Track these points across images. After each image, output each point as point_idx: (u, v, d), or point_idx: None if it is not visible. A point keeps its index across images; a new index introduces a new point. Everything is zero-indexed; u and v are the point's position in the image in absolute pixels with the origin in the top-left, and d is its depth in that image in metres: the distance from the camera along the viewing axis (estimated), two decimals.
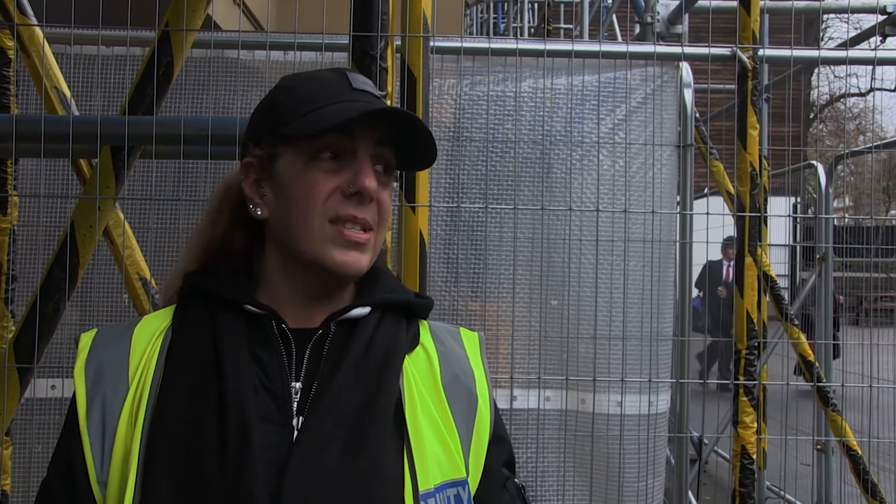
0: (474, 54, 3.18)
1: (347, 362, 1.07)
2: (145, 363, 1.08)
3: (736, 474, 3.19)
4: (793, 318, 4.27)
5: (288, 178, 1.09)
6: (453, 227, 3.24)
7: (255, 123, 1.16)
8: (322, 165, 1.08)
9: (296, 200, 1.08)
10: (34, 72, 2.31)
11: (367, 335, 1.10)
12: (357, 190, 1.08)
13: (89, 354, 1.10)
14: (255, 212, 1.13)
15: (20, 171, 2.67)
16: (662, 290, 3.24)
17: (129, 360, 1.09)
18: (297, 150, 1.09)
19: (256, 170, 1.13)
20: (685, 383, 3.18)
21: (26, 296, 2.75)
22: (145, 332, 1.12)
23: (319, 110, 1.08)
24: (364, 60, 2.07)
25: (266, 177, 1.12)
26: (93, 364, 1.09)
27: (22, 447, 2.86)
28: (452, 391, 1.15)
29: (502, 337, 3.19)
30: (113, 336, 1.13)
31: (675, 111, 3.30)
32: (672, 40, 4.83)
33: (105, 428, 1.05)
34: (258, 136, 1.14)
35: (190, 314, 1.11)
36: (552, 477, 3.19)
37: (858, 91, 21.27)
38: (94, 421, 1.05)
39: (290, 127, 1.09)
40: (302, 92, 1.12)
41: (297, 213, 1.08)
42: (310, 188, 1.08)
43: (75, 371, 1.09)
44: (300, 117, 1.09)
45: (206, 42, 2.70)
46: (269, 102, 1.15)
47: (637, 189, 3.23)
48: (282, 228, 1.11)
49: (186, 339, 1.09)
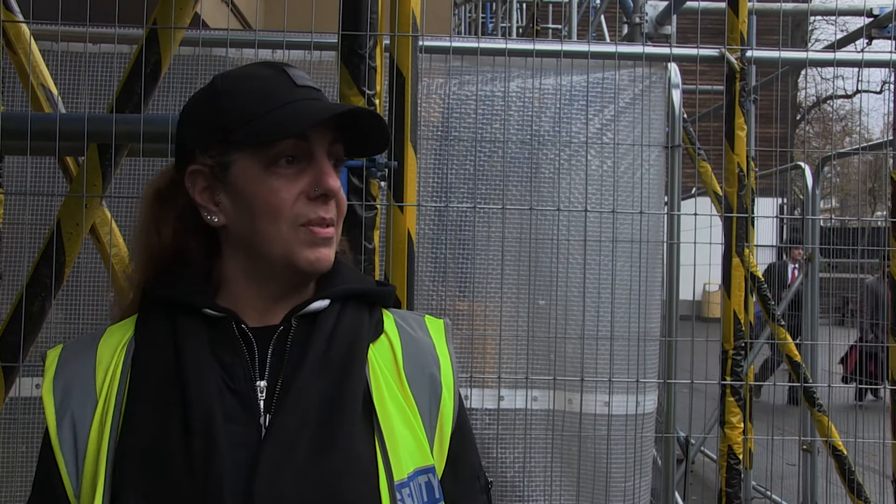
0: (463, 54, 3.18)
1: (311, 356, 1.07)
2: (110, 376, 1.08)
3: (722, 474, 3.20)
4: (779, 318, 4.30)
5: (247, 187, 1.08)
6: (441, 227, 3.24)
7: (198, 129, 1.12)
8: (281, 171, 1.07)
9: (260, 208, 1.07)
10: (20, 69, 2.29)
11: (328, 328, 1.10)
12: (323, 192, 1.09)
13: (56, 372, 1.10)
14: (212, 220, 1.11)
15: (5, 169, 2.65)
16: (650, 290, 3.24)
17: (96, 375, 1.08)
18: (251, 157, 1.07)
19: (206, 177, 1.11)
20: (672, 384, 3.19)
21: (11, 294, 2.74)
22: (109, 345, 1.11)
23: (271, 114, 1.06)
24: (353, 59, 2.07)
25: (219, 184, 1.10)
26: (60, 382, 1.09)
27: (6, 446, 2.85)
28: (415, 378, 1.14)
29: (490, 336, 3.19)
30: (77, 351, 1.12)
31: (663, 112, 3.31)
32: (660, 41, 4.84)
33: (77, 444, 1.05)
34: (204, 142, 1.10)
35: (151, 323, 1.10)
36: (539, 477, 3.19)
37: (845, 93, 21.39)
38: (65, 438, 1.05)
39: (243, 134, 1.07)
40: (247, 95, 1.09)
41: (263, 220, 1.07)
42: (273, 195, 1.07)
43: (43, 390, 1.09)
44: (251, 122, 1.07)
45: (194, 40, 2.69)
46: (210, 107, 1.11)
47: (625, 189, 3.24)
48: (244, 235, 1.10)
49: (148, 348, 1.08)
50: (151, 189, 1.18)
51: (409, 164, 2.22)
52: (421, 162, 2.91)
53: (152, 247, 1.15)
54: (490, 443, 3.17)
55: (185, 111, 1.16)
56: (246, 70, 1.15)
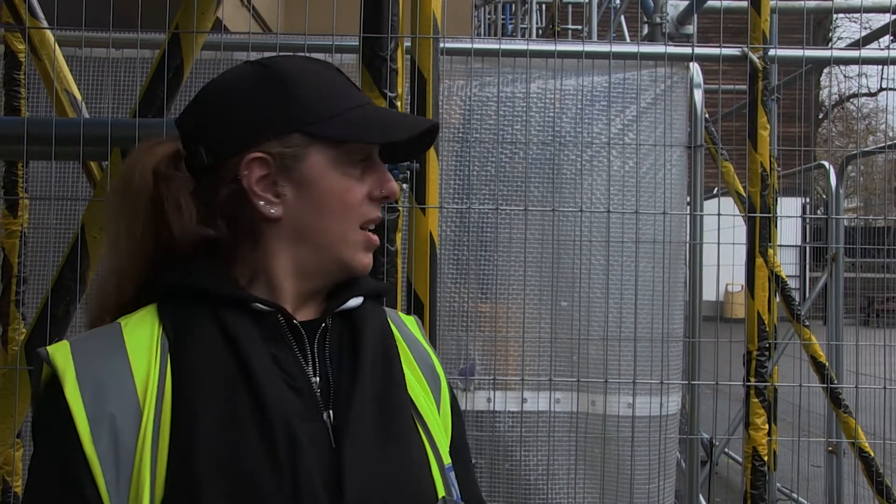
0: (484, 55, 3.18)
1: (365, 353, 1.07)
2: (153, 376, 0.98)
3: (747, 476, 3.17)
4: (803, 319, 4.25)
5: (319, 182, 1.06)
6: (463, 228, 3.24)
7: (266, 115, 1.06)
8: (351, 171, 1.08)
9: (330, 206, 1.06)
10: (45, 75, 2.31)
11: (370, 325, 1.11)
12: (386, 195, 1.11)
13: (78, 372, 0.97)
14: (269, 211, 1.05)
15: (30, 174, 2.68)
16: (673, 291, 3.23)
17: (133, 375, 0.98)
18: (327, 152, 1.06)
19: (270, 166, 1.05)
20: (696, 385, 3.17)
21: (36, 298, 2.76)
22: (140, 341, 1.01)
23: (352, 113, 1.07)
24: (374, 62, 2.07)
25: (285, 175, 1.05)
26: (88, 383, 0.96)
27: (32, 449, 2.86)
28: (424, 369, 1.18)
29: (512, 338, 3.19)
30: (99, 348, 1.01)
31: (685, 112, 3.29)
32: (681, 41, 4.81)
33: (118, 453, 0.94)
34: (275, 130, 1.05)
35: (186, 316, 1.02)
36: (563, 479, 3.18)
37: (868, 91, 21.20)
38: (103, 446, 0.94)
39: (327, 128, 1.05)
40: (323, 89, 1.08)
41: (331, 217, 1.07)
42: (347, 193, 1.07)
43: (67, 392, 0.95)
44: (334, 118, 1.06)
45: (216, 44, 2.70)
46: (282, 94, 1.06)
47: (647, 190, 3.22)
48: (303, 230, 1.07)
49: (194, 345, 1.00)
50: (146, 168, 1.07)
51: (430, 167, 2.22)
52: (442, 164, 2.91)
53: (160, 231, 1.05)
54: (514, 445, 3.16)
55: (234, 92, 1.08)
56: (303, 63, 1.12)
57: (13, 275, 2.60)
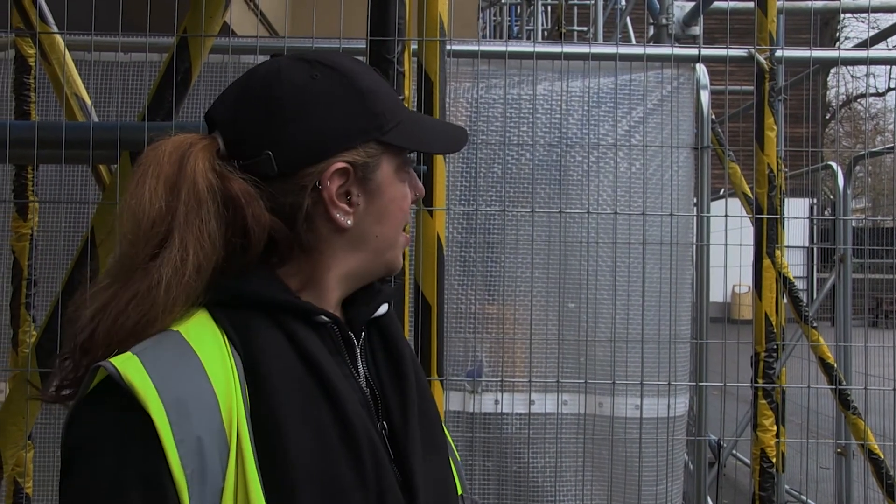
0: (491, 57, 3.18)
1: (405, 362, 1.10)
2: (234, 395, 0.93)
3: (756, 478, 3.16)
4: (811, 320, 4.24)
5: (387, 190, 1.07)
6: (469, 230, 3.24)
7: (348, 123, 1.03)
8: (406, 178, 1.10)
9: (392, 213, 1.08)
10: (55, 79, 2.32)
11: (397, 331, 1.13)
12: (419, 197, 1.15)
13: (158, 386, 0.89)
14: (345, 221, 1.03)
15: (39, 178, 2.69)
16: (679, 292, 3.22)
17: (216, 394, 0.92)
18: (392, 159, 1.07)
19: (350, 176, 1.03)
20: (703, 386, 3.16)
21: (46, 301, 2.77)
22: (212, 356, 0.94)
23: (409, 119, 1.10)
24: (381, 64, 2.08)
25: (359, 184, 1.04)
26: (170, 398, 0.89)
27: (43, 451, 2.88)
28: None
29: (519, 340, 3.19)
30: (174, 363, 0.93)
31: (692, 113, 3.29)
32: (687, 42, 4.81)
33: (206, 478, 0.89)
34: (356, 138, 1.03)
35: (247, 325, 0.97)
36: (570, 481, 3.18)
37: (876, 91, 21.14)
38: (191, 471, 0.88)
39: (397, 136, 1.05)
40: (387, 95, 1.08)
41: (390, 223, 1.08)
42: (404, 200, 1.10)
43: (153, 411, 0.87)
44: (399, 126, 1.06)
45: (223, 48, 2.71)
46: (360, 101, 1.03)
47: (653, 191, 3.22)
48: (365, 237, 1.06)
49: (267, 358, 0.96)
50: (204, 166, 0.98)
51: (438, 169, 2.23)
52: (448, 166, 2.91)
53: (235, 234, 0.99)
54: (521, 447, 3.16)
55: (310, 99, 1.02)
56: (362, 66, 1.10)
57: (23, 277, 2.62)
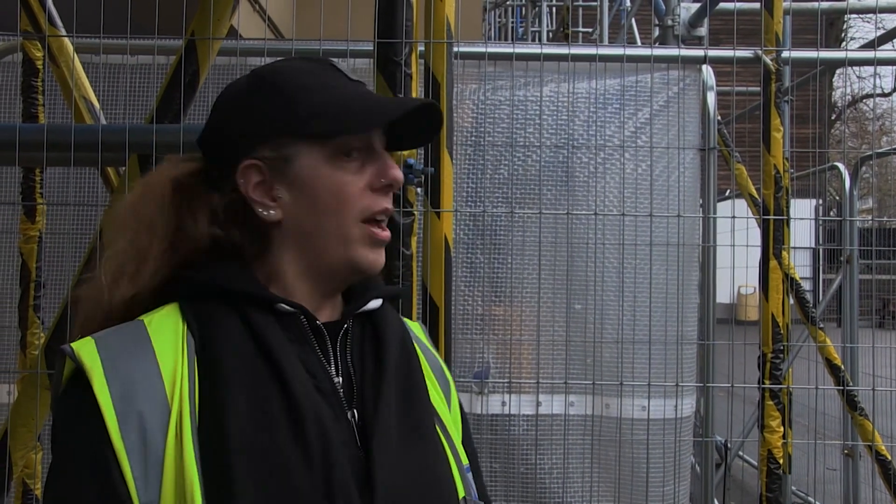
0: (498, 59, 3.18)
1: (388, 354, 1.08)
2: (180, 375, 0.99)
3: (762, 479, 3.16)
4: (818, 321, 4.24)
5: (312, 180, 1.07)
6: (476, 232, 3.24)
7: (255, 122, 1.08)
8: (346, 164, 1.07)
9: (326, 203, 1.07)
10: (63, 81, 2.33)
11: (388, 325, 1.12)
12: (389, 182, 1.09)
13: (106, 366, 0.97)
14: (268, 215, 1.07)
15: (46, 180, 2.70)
16: (686, 293, 3.22)
17: (162, 374, 0.98)
18: (316, 150, 1.07)
19: (263, 171, 1.07)
20: (710, 387, 3.16)
21: (52, 302, 2.78)
22: (166, 339, 1.01)
23: (339, 107, 1.07)
24: (388, 66, 2.08)
25: (278, 178, 1.07)
26: (115, 381, 0.96)
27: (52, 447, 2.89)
28: (436, 373, 1.20)
29: (526, 342, 3.19)
30: (125, 345, 1.01)
31: (698, 114, 3.29)
32: (693, 43, 4.81)
33: (147, 452, 0.94)
34: (263, 136, 1.08)
35: (211, 315, 1.03)
36: (577, 482, 3.18)
37: (882, 91, 21.08)
38: (132, 444, 0.94)
39: (313, 126, 1.06)
40: (308, 88, 1.08)
41: (328, 216, 1.07)
42: (341, 189, 1.07)
43: (96, 388, 0.95)
44: (320, 115, 1.06)
45: (231, 50, 2.72)
46: (268, 99, 1.08)
47: (660, 193, 3.22)
48: (304, 231, 1.08)
49: (221, 343, 1.01)
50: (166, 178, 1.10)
51: (445, 171, 2.23)
52: (455, 168, 2.91)
53: (179, 238, 1.08)
54: (528, 449, 3.16)
55: (229, 104, 1.12)
56: (293, 64, 1.13)
57: (31, 279, 2.63)
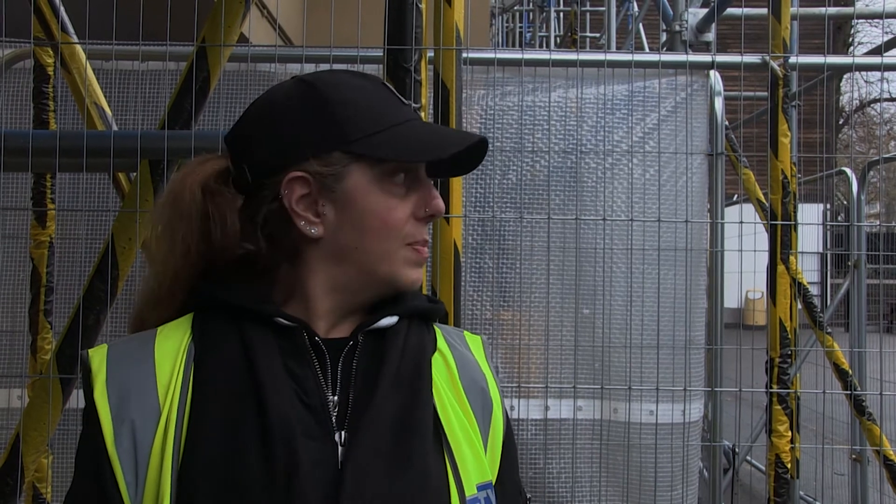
0: (506, 65, 3.20)
1: (384, 374, 1.04)
2: (174, 383, 1.01)
3: (770, 483, 3.15)
4: (825, 326, 4.23)
5: (360, 201, 1.05)
6: (484, 237, 3.25)
7: (308, 134, 1.05)
8: (394, 189, 1.06)
9: (372, 224, 1.05)
10: (74, 88, 2.35)
11: (399, 345, 1.08)
12: (432, 213, 1.09)
13: (108, 375, 1.01)
14: (309, 231, 1.05)
15: (57, 185, 2.72)
16: (694, 298, 3.23)
17: (157, 381, 1.01)
18: (367, 170, 1.05)
19: (310, 185, 1.05)
20: (718, 392, 3.16)
21: (64, 307, 2.80)
22: (167, 349, 1.03)
23: (394, 130, 1.06)
24: (398, 73, 2.09)
25: (326, 195, 1.05)
26: (114, 386, 1.01)
27: (64, 457, 2.91)
28: (471, 393, 1.13)
29: (534, 346, 3.20)
30: (129, 353, 1.04)
31: (705, 119, 3.29)
32: (700, 48, 4.81)
33: (137, 455, 0.98)
34: (316, 149, 1.05)
35: (213, 327, 1.04)
36: (586, 486, 3.18)
37: (889, 96, 21.04)
38: (123, 447, 0.98)
39: (368, 146, 1.04)
40: (365, 107, 1.06)
41: (373, 236, 1.06)
42: (390, 213, 1.06)
43: (96, 394, 1.00)
44: (375, 136, 1.05)
45: (242, 56, 2.74)
46: (324, 113, 1.06)
47: (668, 198, 3.23)
48: (344, 249, 1.06)
49: (214, 355, 1.02)
50: (195, 181, 1.08)
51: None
52: None
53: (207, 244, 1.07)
54: (537, 453, 3.17)
55: (278, 111, 1.08)
56: (347, 79, 1.10)
57: (42, 284, 2.64)
